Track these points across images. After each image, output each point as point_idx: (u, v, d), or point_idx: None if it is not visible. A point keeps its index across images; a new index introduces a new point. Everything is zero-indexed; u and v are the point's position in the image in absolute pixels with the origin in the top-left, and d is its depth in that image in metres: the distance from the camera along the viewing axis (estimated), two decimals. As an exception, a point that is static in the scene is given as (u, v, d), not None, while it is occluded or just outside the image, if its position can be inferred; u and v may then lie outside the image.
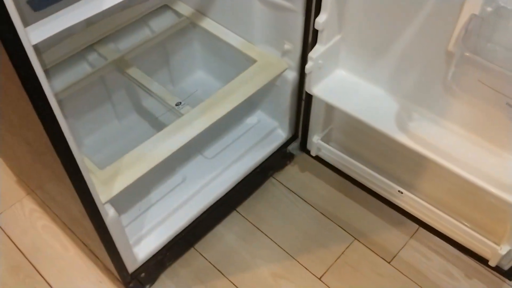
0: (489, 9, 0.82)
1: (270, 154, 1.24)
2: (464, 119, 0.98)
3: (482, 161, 0.96)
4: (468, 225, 1.08)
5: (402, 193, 1.14)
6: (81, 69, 1.20)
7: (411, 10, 0.92)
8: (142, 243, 1.05)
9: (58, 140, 0.70)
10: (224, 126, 1.25)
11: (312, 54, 1.04)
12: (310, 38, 1.07)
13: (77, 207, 0.84)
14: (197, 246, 1.20)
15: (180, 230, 1.09)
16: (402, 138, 1.01)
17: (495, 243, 1.03)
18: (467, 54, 0.79)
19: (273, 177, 1.33)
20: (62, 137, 0.70)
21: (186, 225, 1.10)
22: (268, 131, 1.27)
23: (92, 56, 1.21)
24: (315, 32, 1.03)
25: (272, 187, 1.31)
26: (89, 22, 1.22)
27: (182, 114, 1.05)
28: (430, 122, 1.03)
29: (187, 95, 1.34)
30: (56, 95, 1.09)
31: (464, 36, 0.83)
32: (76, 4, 0.76)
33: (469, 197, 1.05)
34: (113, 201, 0.90)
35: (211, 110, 1.05)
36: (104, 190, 0.89)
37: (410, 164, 1.13)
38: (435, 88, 0.98)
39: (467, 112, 0.97)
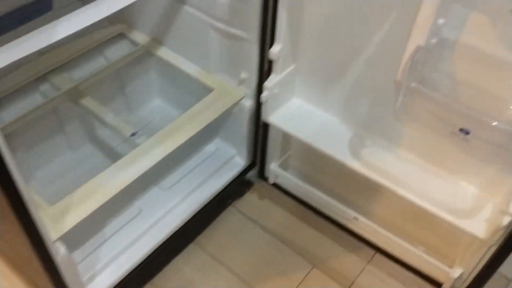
0: (433, 40, 0.86)
1: (228, 183, 1.23)
2: (415, 146, 1.02)
3: (432, 186, 0.99)
4: (422, 249, 1.11)
5: (357, 219, 1.16)
6: (33, 100, 1.16)
7: (361, 41, 0.96)
8: (96, 280, 1.01)
9: (2, 175, 0.67)
10: (182, 155, 1.24)
11: (268, 84, 1.06)
12: (265, 67, 1.08)
13: (25, 246, 0.80)
14: (154, 280, 1.17)
15: (136, 265, 1.06)
16: (355, 165, 1.03)
17: (449, 266, 1.06)
18: (414, 84, 0.83)
19: (232, 206, 1.32)
20: (7, 172, 0.67)
21: (142, 260, 1.06)
22: (226, 159, 1.27)
23: (45, 86, 1.18)
24: (270, 61, 1.05)
25: (231, 216, 1.30)
26: (42, 51, 1.19)
27: (138, 145, 1.04)
28: (382, 149, 1.05)
29: (144, 124, 1.33)
30: (5, 127, 1.06)
31: (410, 67, 0.86)
32: (28, 35, 0.74)
33: (422, 221, 1.08)
34: (64, 237, 0.86)
35: (167, 140, 1.04)
36: (54, 227, 0.86)
37: (365, 190, 1.15)
38: (386, 116, 1.01)
39: (416, 139, 1.00)
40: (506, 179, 0.92)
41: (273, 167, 1.26)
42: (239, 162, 1.28)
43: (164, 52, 1.27)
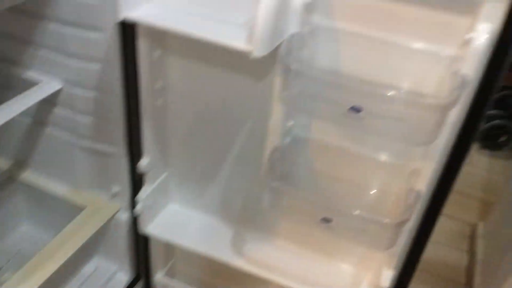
0: (287, 139, 0.94)
1: (113, 303, 1.17)
2: (291, 235, 1.07)
3: (312, 271, 1.04)
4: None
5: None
6: None
7: (224, 145, 1.01)
8: None
9: None
10: (58, 282, 1.15)
11: (141, 196, 1.05)
12: (137, 179, 1.08)
13: None
14: None
15: None
16: (238, 263, 1.04)
17: None
18: (276, 183, 0.89)
19: (121, 326, 1.24)
20: None
21: None
22: (108, 277, 1.21)
23: None
24: (141, 173, 1.06)
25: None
26: None
27: (4, 282, 0.95)
28: (262, 242, 1.09)
29: (11, 256, 1.22)
30: None
31: (270, 166, 0.93)
32: None
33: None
34: None
35: (37, 272, 0.97)
36: None
37: (254, 284, 1.16)
38: (260, 210, 1.06)
39: (291, 229, 1.06)
40: (375, 256, 0.99)
41: (159, 277, 1.22)
42: (122, 278, 1.22)
43: (29, 175, 1.22)
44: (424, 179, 0.83)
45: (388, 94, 0.70)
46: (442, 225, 1.07)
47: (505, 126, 2.00)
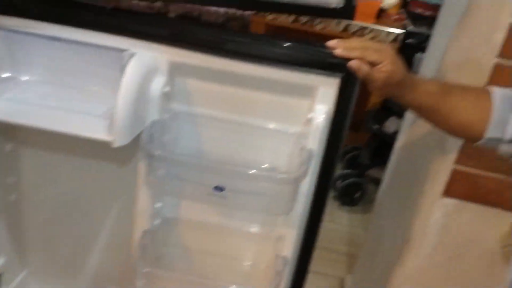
0: (157, 221, 0.94)
1: None
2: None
3: None
4: None
5: None
6: None
7: (89, 235, 0.98)
8: None
9: None
10: None
11: (-4, 302, 0.95)
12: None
13: None
14: None
15: None
16: None
17: None
18: (147, 268, 0.87)
19: None
20: None
21: None
22: None
23: None
24: (-4, 276, 0.96)
25: None
26: None
27: None
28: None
29: None
30: None
31: (141, 250, 0.91)
32: None
33: None
34: None
35: None
36: None
37: None
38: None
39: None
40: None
41: None
42: None
43: None
44: (288, 245, 0.89)
45: (246, 172, 0.76)
46: (313, 282, 1.13)
47: (358, 183, 2.23)
